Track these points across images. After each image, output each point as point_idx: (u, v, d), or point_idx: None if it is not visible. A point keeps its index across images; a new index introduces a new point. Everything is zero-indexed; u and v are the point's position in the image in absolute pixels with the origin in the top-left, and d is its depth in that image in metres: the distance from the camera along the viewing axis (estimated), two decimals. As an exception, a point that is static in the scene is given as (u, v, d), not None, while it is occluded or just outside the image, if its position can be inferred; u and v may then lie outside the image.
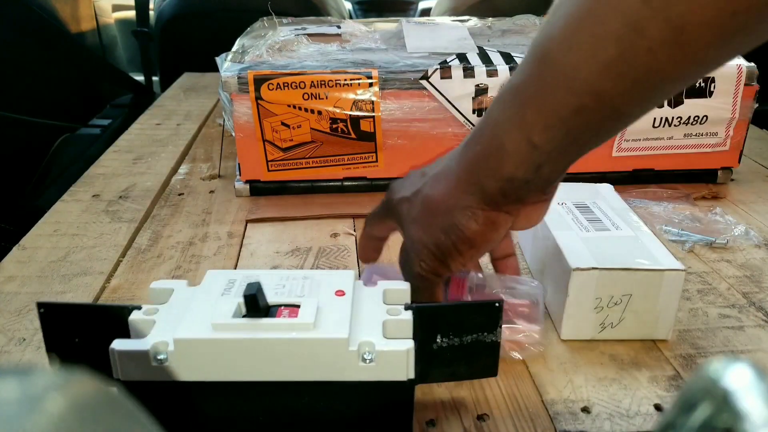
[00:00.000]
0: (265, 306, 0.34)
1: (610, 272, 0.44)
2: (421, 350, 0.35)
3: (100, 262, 0.57)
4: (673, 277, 0.44)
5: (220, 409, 0.35)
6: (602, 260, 0.44)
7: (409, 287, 0.39)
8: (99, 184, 0.74)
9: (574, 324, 0.46)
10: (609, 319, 0.45)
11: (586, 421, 0.39)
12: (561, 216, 0.51)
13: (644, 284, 0.44)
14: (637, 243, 0.47)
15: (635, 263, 0.44)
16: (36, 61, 1.34)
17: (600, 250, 0.46)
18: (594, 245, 0.46)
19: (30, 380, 0.14)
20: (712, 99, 0.67)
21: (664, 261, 0.45)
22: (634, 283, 0.44)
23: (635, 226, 0.50)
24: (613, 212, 0.52)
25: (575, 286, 0.44)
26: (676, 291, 0.44)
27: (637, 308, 0.45)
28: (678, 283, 0.44)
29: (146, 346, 0.33)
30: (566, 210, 0.52)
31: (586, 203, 0.53)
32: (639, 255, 0.45)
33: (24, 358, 0.45)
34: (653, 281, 0.44)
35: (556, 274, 0.47)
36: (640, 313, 0.45)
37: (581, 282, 0.44)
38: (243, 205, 0.68)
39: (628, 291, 0.44)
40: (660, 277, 0.44)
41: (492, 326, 0.35)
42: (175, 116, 0.98)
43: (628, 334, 0.46)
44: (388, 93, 0.65)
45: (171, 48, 1.60)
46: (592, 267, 0.44)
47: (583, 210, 0.52)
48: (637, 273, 0.44)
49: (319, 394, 0.34)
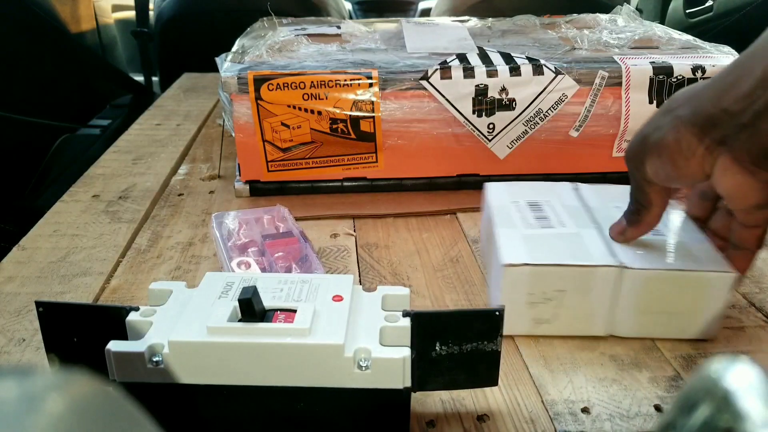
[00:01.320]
0: (260, 310, 0.34)
1: (542, 268, 0.44)
2: (420, 358, 0.35)
3: (100, 263, 0.57)
4: (605, 273, 0.44)
5: (216, 412, 0.35)
6: (537, 256, 0.45)
7: (408, 293, 0.39)
8: (99, 184, 0.74)
9: (509, 319, 0.46)
10: (543, 315, 0.46)
11: (586, 422, 0.39)
12: (510, 214, 0.51)
13: (576, 280, 0.44)
14: (577, 240, 0.47)
15: (568, 259, 0.44)
16: (36, 61, 1.34)
17: (537, 247, 0.46)
18: (532, 242, 0.47)
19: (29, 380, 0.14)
20: (712, 99, 0.67)
21: (598, 258, 0.45)
22: (566, 279, 0.44)
23: (582, 224, 0.50)
24: (564, 211, 0.52)
25: (508, 281, 0.44)
26: (609, 287, 0.44)
27: (571, 304, 0.45)
28: (610, 279, 0.44)
29: (142, 348, 0.33)
30: (517, 208, 0.52)
31: (539, 202, 0.53)
32: (575, 252, 0.45)
33: (23, 359, 0.45)
34: (585, 277, 0.44)
35: (495, 270, 0.48)
36: (574, 309, 0.45)
37: (513, 277, 0.44)
38: (243, 206, 0.68)
39: (561, 287, 0.45)
40: (592, 274, 0.44)
41: (492, 335, 0.35)
42: (174, 116, 0.98)
43: (564, 330, 0.46)
44: (388, 93, 0.65)
45: (171, 48, 1.60)
46: (524, 263, 0.44)
47: (535, 208, 0.52)
48: (569, 269, 0.44)
49: (315, 400, 0.34)
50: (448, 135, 0.66)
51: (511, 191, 0.55)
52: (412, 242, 0.61)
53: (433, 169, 0.69)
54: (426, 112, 0.66)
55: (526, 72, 0.65)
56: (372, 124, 0.65)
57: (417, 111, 0.65)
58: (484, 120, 0.66)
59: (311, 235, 0.62)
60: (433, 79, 0.65)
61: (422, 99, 0.65)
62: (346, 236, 0.62)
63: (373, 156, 0.67)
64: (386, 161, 0.68)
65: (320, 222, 0.65)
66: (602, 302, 0.45)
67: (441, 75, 0.65)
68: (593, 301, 0.45)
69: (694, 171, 0.39)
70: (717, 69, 0.66)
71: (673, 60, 0.67)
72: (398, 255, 0.59)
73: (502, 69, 0.65)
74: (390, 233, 0.63)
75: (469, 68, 0.65)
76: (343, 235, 0.63)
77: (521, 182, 0.57)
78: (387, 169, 0.68)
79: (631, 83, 0.66)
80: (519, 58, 0.67)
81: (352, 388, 0.34)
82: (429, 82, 0.65)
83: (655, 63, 0.66)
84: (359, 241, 0.62)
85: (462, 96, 0.65)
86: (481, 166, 0.68)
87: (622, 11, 0.86)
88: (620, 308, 0.45)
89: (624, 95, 0.66)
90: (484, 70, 0.65)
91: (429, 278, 0.55)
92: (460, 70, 0.65)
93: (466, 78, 0.65)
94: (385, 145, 0.67)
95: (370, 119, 0.65)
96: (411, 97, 0.65)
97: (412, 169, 0.69)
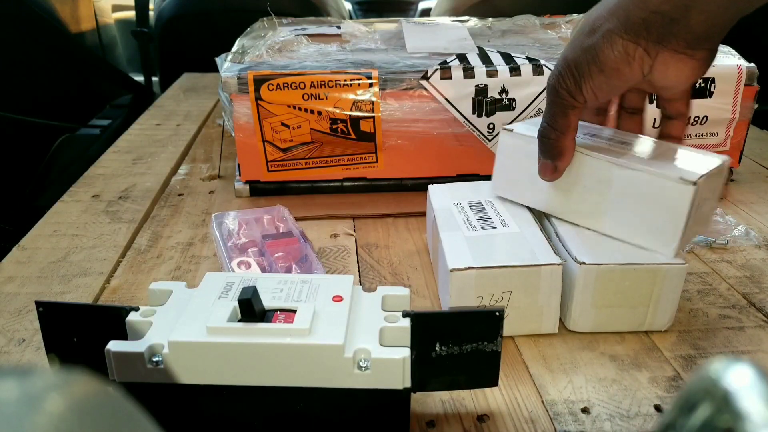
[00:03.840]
0: (260, 310, 0.34)
1: (487, 270, 0.44)
2: (420, 358, 0.35)
3: (100, 263, 0.57)
4: (551, 272, 0.44)
5: (215, 413, 0.35)
6: (481, 259, 0.45)
7: (408, 293, 0.39)
8: (99, 184, 0.74)
9: None
10: None
11: (586, 422, 0.39)
12: (452, 216, 0.51)
13: (522, 280, 0.45)
14: (520, 240, 0.47)
15: (513, 260, 0.45)
16: (36, 61, 1.34)
17: (481, 249, 0.46)
18: (477, 244, 0.47)
19: (30, 380, 0.14)
20: (712, 99, 0.67)
21: (543, 257, 0.45)
22: (512, 279, 0.45)
23: (524, 223, 0.50)
24: (505, 210, 0.52)
25: (455, 286, 0.45)
26: (556, 285, 0.45)
27: (519, 304, 0.45)
28: (557, 277, 0.45)
29: (141, 348, 0.33)
30: (459, 210, 0.52)
31: (481, 202, 0.54)
32: (519, 252, 0.46)
33: (24, 359, 0.45)
34: (531, 277, 0.44)
35: (442, 275, 0.48)
36: (523, 309, 0.46)
37: (461, 282, 0.44)
38: (243, 206, 0.68)
39: (508, 288, 0.45)
40: (537, 273, 0.44)
41: (492, 335, 0.35)
42: (174, 117, 0.98)
43: (516, 330, 0.46)
44: (388, 93, 0.65)
45: (171, 48, 1.60)
46: (469, 266, 0.44)
47: (476, 209, 0.52)
48: (515, 270, 0.44)
49: (314, 400, 0.34)
50: (448, 135, 0.66)
51: (453, 193, 0.55)
52: (412, 242, 0.61)
53: (433, 169, 0.69)
54: (426, 112, 0.66)
55: (526, 72, 0.65)
56: (372, 124, 0.65)
57: (417, 111, 0.65)
58: (484, 120, 0.66)
59: (311, 235, 0.62)
60: (433, 79, 0.65)
61: (422, 99, 0.65)
62: (346, 236, 0.62)
63: (373, 156, 0.67)
64: (386, 161, 0.68)
65: (320, 222, 0.65)
66: (550, 300, 0.46)
67: (441, 75, 0.65)
68: (541, 300, 0.45)
69: (636, 74, 0.41)
70: (717, 68, 0.66)
71: (673, 60, 0.67)
72: (398, 255, 0.59)
73: (502, 69, 0.65)
74: (390, 233, 0.63)
75: (469, 68, 0.65)
76: (343, 235, 0.63)
77: (463, 183, 0.57)
78: (387, 169, 0.68)
79: (631, 83, 0.66)
80: (519, 58, 0.67)
81: (351, 389, 0.34)
82: (429, 82, 0.65)
83: (655, 63, 0.66)
84: (359, 241, 0.62)
85: (462, 96, 0.65)
86: (481, 166, 0.68)
87: (622, 11, 0.86)
88: (576, 304, 0.46)
89: (624, 95, 0.66)
90: (484, 70, 0.65)
91: (429, 278, 0.55)
92: (460, 70, 0.65)
93: (466, 78, 0.65)
94: (385, 145, 0.67)
95: (370, 119, 0.65)
96: (411, 97, 0.65)
97: (412, 169, 0.69)
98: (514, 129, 0.51)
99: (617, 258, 0.45)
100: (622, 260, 0.45)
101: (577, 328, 0.47)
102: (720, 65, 0.67)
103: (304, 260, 0.52)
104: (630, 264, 0.44)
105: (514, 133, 0.51)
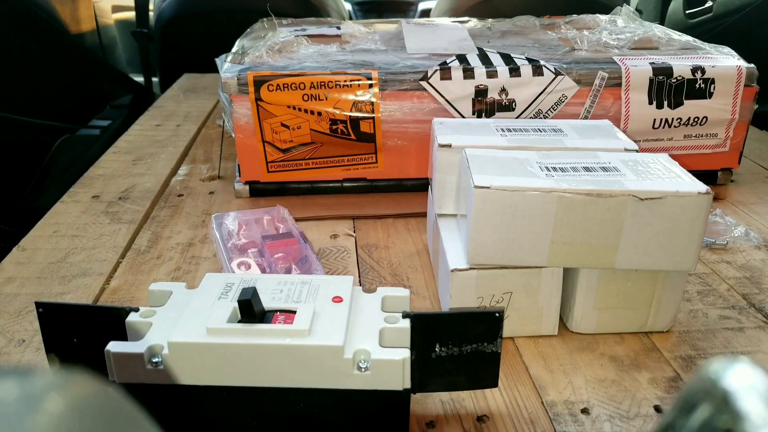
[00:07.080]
0: (260, 311, 0.34)
1: (488, 271, 0.44)
2: (420, 359, 0.35)
3: (100, 264, 0.57)
4: (551, 273, 0.44)
5: (215, 413, 0.35)
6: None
7: (408, 294, 0.39)
8: (98, 185, 0.74)
9: None
10: None
11: (586, 423, 0.39)
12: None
13: (523, 282, 0.45)
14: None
15: (514, 261, 0.44)
16: (36, 61, 1.34)
17: None
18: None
19: (30, 381, 0.14)
20: (712, 100, 0.67)
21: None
22: (513, 281, 0.44)
23: None
24: None
25: (456, 286, 0.45)
26: (557, 286, 0.45)
27: (520, 305, 0.45)
28: (558, 279, 0.45)
29: (141, 349, 0.33)
30: None
31: None
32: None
33: (24, 359, 0.45)
34: (532, 278, 0.44)
35: (443, 275, 0.48)
36: (523, 310, 0.46)
37: (461, 282, 0.44)
38: (243, 206, 0.68)
39: (508, 289, 0.45)
40: (538, 274, 0.44)
41: (492, 336, 0.35)
42: (174, 117, 0.98)
43: (516, 331, 0.47)
44: (387, 94, 0.65)
45: (171, 49, 1.60)
46: (470, 267, 0.44)
47: None
48: (516, 271, 0.44)
49: (314, 401, 0.34)
50: (447, 136, 0.66)
51: None
52: (412, 242, 0.61)
53: (433, 170, 0.69)
54: (426, 113, 0.66)
55: (526, 73, 0.65)
56: (372, 125, 0.65)
57: (417, 112, 0.65)
58: (483, 121, 0.66)
59: (311, 235, 0.62)
60: (433, 80, 0.65)
61: (422, 100, 0.65)
62: (345, 237, 0.62)
63: (373, 156, 0.67)
64: (386, 162, 0.68)
65: (320, 223, 0.65)
66: (551, 302, 0.45)
67: (441, 76, 0.65)
68: (542, 301, 0.45)
69: None
70: (717, 69, 0.66)
71: (672, 61, 0.67)
72: (398, 256, 0.59)
73: (501, 70, 0.65)
74: (390, 234, 0.63)
75: (468, 69, 0.65)
76: (343, 235, 0.63)
77: None
78: (387, 170, 0.68)
79: (631, 84, 0.66)
80: (519, 59, 0.67)
81: (351, 390, 0.34)
82: (429, 83, 0.65)
83: (655, 64, 0.66)
84: (359, 241, 0.62)
85: (462, 97, 0.65)
86: (481, 166, 0.68)
87: (621, 12, 0.86)
88: (578, 305, 0.46)
89: (624, 96, 0.66)
90: (484, 70, 0.65)
91: (429, 279, 0.55)
92: (460, 70, 0.65)
93: (466, 79, 0.65)
94: (384, 145, 0.67)
95: (370, 120, 0.65)
96: (411, 98, 0.65)
97: (412, 169, 0.69)
98: (491, 185, 0.42)
99: None
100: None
101: (580, 330, 0.47)
102: (720, 66, 0.67)
103: (303, 261, 0.52)
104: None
105: (491, 190, 0.41)
